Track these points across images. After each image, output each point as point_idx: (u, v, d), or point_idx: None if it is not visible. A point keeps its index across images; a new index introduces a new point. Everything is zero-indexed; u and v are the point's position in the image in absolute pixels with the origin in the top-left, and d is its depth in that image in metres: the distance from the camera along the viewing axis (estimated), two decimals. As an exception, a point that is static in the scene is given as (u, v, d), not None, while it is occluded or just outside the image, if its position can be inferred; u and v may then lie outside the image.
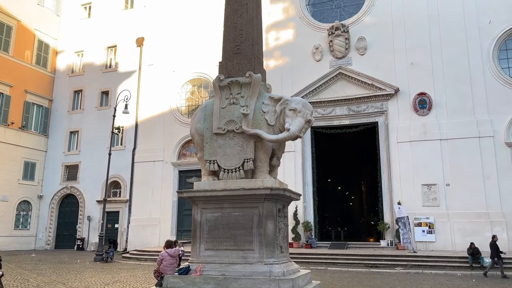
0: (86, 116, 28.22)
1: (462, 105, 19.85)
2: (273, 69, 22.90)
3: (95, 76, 28.62)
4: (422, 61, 20.88)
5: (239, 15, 8.36)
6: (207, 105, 8.20)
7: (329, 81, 22.22)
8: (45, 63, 29.58)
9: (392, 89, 20.98)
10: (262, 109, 7.57)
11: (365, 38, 22.06)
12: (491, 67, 19.83)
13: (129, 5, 29.05)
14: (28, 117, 27.89)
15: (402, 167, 20.32)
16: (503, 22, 19.96)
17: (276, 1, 24.63)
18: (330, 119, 22.22)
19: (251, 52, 8.23)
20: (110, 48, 28.90)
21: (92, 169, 26.52)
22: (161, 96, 26.13)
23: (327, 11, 24.04)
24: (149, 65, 26.99)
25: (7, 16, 27.04)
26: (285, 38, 24.02)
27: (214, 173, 7.73)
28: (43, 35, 29.50)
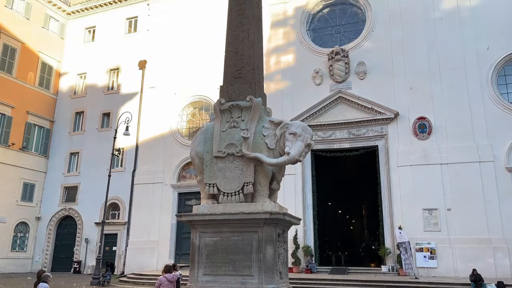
0: (87, 138, 28.30)
1: (462, 130, 19.91)
2: (274, 92, 23.08)
3: (97, 98, 28.85)
4: (421, 85, 21.07)
5: (241, 40, 8.47)
6: (207, 128, 8.23)
7: (329, 104, 22.37)
8: (48, 85, 29.87)
9: (392, 113, 21.10)
10: (263, 132, 7.59)
11: (365, 63, 22.33)
12: (489, 92, 20.00)
13: (132, 29, 29.54)
14: (29, 138, 27.98)
15: (403, 191, 20.23)
16: (501, 48, 20.22)
17: (277, 26, 25.05)
18: (330, 142, 22.26)
19: (252, 76, 8.30)
20: (112, 70, 29.23)
21: (91, 191, 26.40)
22: (162, 118, 26.26)
23: (327, 36, 24.41)
24: (151, 87, 27.24)
25: (12, 38, 27.48)
26: (286, 62, 24.32)
27: (213, 196, 7.68)
28: (47, 57, 29.90)
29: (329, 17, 24.74)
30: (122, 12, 29.97)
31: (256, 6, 8.82)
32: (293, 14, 24.85)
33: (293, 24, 24.67)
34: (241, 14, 8.65)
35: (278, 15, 25.15)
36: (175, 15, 27.82)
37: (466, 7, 21.34)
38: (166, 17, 28.03)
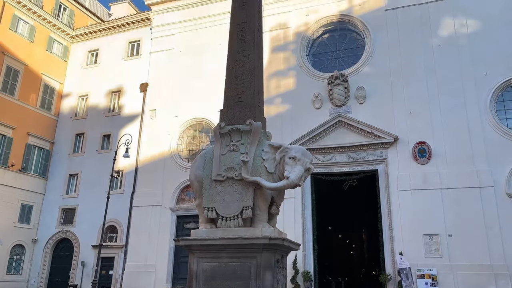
0: (87, 159, 28.27)
1: (461, 155, 19.92)
2: (274, 115, 23.19)
3: (98, 119, 28.98)
4: (420, 110, 21.20)
5: (241, 65, 8.58)
6: (207, 152, 8.24)
7: (329, 128, 22.45)
8: (49, 107, 30.06)
9: (392, 137, 21.15)
10: (262, 156, 7.59)
11: (364, 87, 22.53)
12: (488, 118, 20.11)
13: (134, 52, 29.92)
14: (28, 159, 27.96)
15: (403, 216, 20.06)
16: (499, 74, 20.42)
17: (277, 51, 25.39)
18: (330, 166, 22.23)
19: (252, 100, 8.37)
20: (114, 92, 29.47)
21: (89, 213, 26.20)
22: (162, 140, 26.31)
23: (326, 61, 24.71)
24: (152, 109, 27.41)
25: (16, 60, 27.84)
26: (286, 86, 24.54)
27: (212, 220, 7.62)
28: (50, 79, 30.21)
29: (329, 42, 25.11)
30: (125, 36, 30.44)
31: (256, 32, 8.97)
32: (293, 39, 25.23)
33: (293, 49, 25.02)
34: (241, 40, 8.80)
35: (278, 40, 25.53)
36: (177, 39, 28.24)
37: (463, 34, 21.69)
38: (168, 40, 28.46)
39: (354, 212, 30.81)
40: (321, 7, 24.98)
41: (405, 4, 23.16)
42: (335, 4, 24.75)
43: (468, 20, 21.74)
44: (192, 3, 28.44)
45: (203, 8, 27.99)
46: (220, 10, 26.57)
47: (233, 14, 9.29)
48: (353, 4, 24.38)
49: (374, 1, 23.92)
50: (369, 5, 23.98)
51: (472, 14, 21.73)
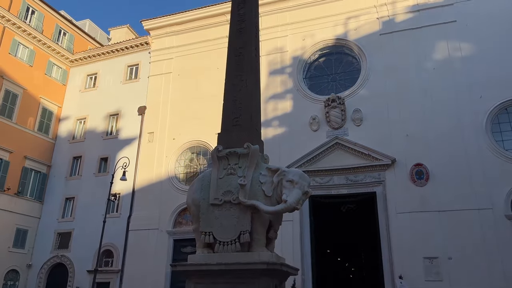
0: (84, 182, 28.12)
1: (459, 177, 19.90)
2: (271, 138, 23.28)
3: (96, 142, 28.98)
4: (417, 132, 21.30)
5: (239, 89, 8.68)
6: (204, 175, 8.23)
7: (326, 150, 22.49)
8: (47, 130, 30.08)
9: (389, 159, 21.18)
10: (260, 180, 7.58)
11: (361, 110, 22.69)
12: (485, 140, 20.20)
13: (133, 76, 30.20)
14: (25, 183, 27.78)
15: (402, 239, 19.89)
16: (494, 97, 20.60)
17: (274, 74, 25.67)
18: (328, 188, 22.15)
19: (249, 124, 8.43)
20: (112, 115, 29.57)
21: (85, 237, 25.86)
22: (160, 163, 26.28)
23: (323, 84, 24.97)
24: (149, 132, 27.47)
25: (14, 84, 28.01)
26: (283, 108, 24.70)
27: (209, 245, 7.54)
28: (48, 102, 30.34)
29: (325, 65, 25.43)
30: (124, 60, 30.78)
31: (253, 57, 9.11)
32: (290, 63, 25.55)
33: (290, 72, 25.31)
34: (239, 65, 8.92)
35: (275, 64, 25.85)
36: (175, 63, 28.59)
37: (457, 57, 22.03)
38: (166, 64, 28.79)
39: (353, 235, 30.53)
40: (317, 31, 25.42)
41: (399, 29, 23.60)
42: (331, 28, 25.20)
43: (462, 43, 22.13)
44: (190, 28, 28.92)
45: (201, 32, 28.45)
46: (217, 34, 27.00)
47: (231, 39, 9.45)
48: (349, 29, 24.82)
49: (369, 26, 24.38)
50: (364, 30, 24.42)
51: (465, 38, 22.14)
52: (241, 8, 9.51)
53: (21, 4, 29.34)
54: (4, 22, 27.88)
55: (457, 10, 22.76)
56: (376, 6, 24.47)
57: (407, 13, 23.81)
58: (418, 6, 23.67)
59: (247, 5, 9.51)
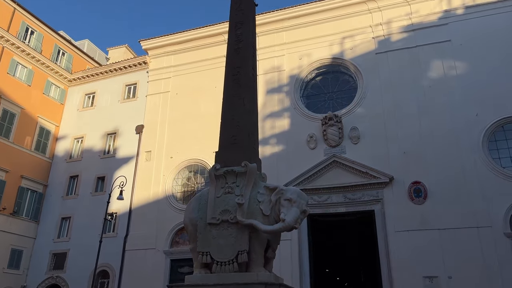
0: (80, 202, 27.90)
1: (457, 195, 19.86)
2: (269, 156, 23.28)
3: (93, 161, 28.87)
4: (414, 150, 21.34)
5: (236, 108, 8.72)
6: (202, 194, 8.20)
7: (324, 168, 22.47)
8: (44, 149, 30.00)
9: (387, 177, 21.15)
10: (257, 198, 7.55)
11: (358, 128, 22.78)
12: (482, 157, 20.24)
13: (131, 95, 30.34)
14: (20, 202, 27.55)
15: (402, 258, 19.70)
16: (489, 114, 20.73)
17: (271, 93, 25.84)
18: (326, 206, 22.04)
19: (247, 142, 8.44)
20: (109, 134, 29.55)
21: (81, 257, 25.51)
22: (157, 181, 26.16)
23: (320, 102, 25.12)
24: (147, 151, 27.43)
25: (12, 104, 28.06)
26: (281, 127, 24.78)
27: (206, 265, 7.44)
28: (46, 121, 30.35)
29: (322, 84, 25.64)
30: (122, 79, 30.96)
31: (251, 76, 9.19)
32: (287, 82, 25.76)
33: (287, 91, 25.48)
34: (237, 84, 8.99)
35: (273, 83, 26.05)
36: (173, 82, 28.78)
37: (452, 75, 22.25)
38: (164, 83, 28.97)
39: (352, 253, 30.25)
40: (314, 51, 25.72)
41: (395, 48, 23.91)
42: (327, 48, 25.50)
43: (457, 62, 22.39)
44: (188, 48, 29.22)
45: (198, 52, 28.73)
46: (215, 54, 27.27)
47: (228, 59, 9.55)
48: (345, 48, 25.13)
49: (365, 45, 24.69)
50: (360, 49, 24.73)
51: (460, 57, 22.41)
52: (239, 28, 9.64)
53: (20, 25, 29.65)
54: (3, 42, 28.11)
55: (451, 30, 23.11)
56: (372, 26, 24.85)
57: (402, 33, 24.17)
58: (412, 26, 24.04)
59: (245, 26, 9.65)
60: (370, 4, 25.22)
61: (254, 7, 10.44)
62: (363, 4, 25.34)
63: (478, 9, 23.04)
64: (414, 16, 24.19)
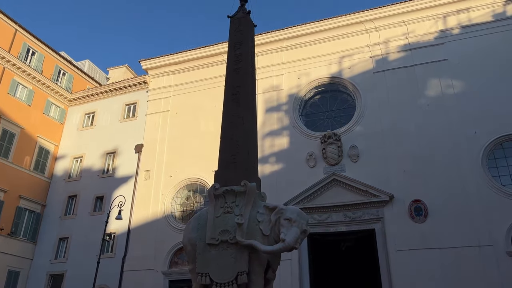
0: (78, 222, 27.67)
1: (458, 213, 19.74)
2: (268, 174, 23.23)
3: (92, 181, 28.77)
4: (414, 168, 21.31)
5: (236, 127, 8.74)
6: (201, 214, 8.14)
7: (324, 187, 22.39)
8: (43, 169, 29.93)
9: (387, 196, 21.06)
10: (257, 218, 7.49)
11: (357, 146, 22.80)
12: (482, 175, 20.18)
13: (131, 114, 30.45)
14: (18, 223, 27.32)
15: (404, 277, 19.44)
16: (488, 132, 20.77)
17: (271, 112, 25.97)
18: (327, 225, 21.87)
19: (246, 161, 8.43)
20: (109, 154, 29.53)
21: (79, 279, 25.12)
22: (156, 201, 26.02)
23: (319, 121, 25.22)
24: (146, 170, 27.36)
25: (12, 124, 28.12)
26: (280, 145, 24.80)
27: (205, 286, 7.33)
28: (45, 141, 30.37)
29: (321, 103, 25.80)
30: (122, 98, 31.13)
31: (250, 95, 9.25)
32: (286, 101, 25.91)
33: (287, 110, 25.61)
34: (236, 103, 9.03)
35: (272, 101, 26.20)
36: (173, 101, 28.94)
37: (450, 94, 22.41)
38: (164, 102, 29.12)
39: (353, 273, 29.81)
40: (312, 70, 25.96)
41: (392, 67, 24.15)
42: (325, 67, 25.76)
43: (454, 81, 22.58)
44: (187, 68, 29.50)
45: (198, 72, 28.99)
46: (215, 73, 27.53)
47: (228, 79, 9.62)
48: (343, 67, 25.38)
49: (362, 64, 24.95)
50: (358, 68, 24.98)
51: (457, 76, 22.60)
52: (238, 48, 9.75)
53: (21, 46, 29.97)
54: (4, 63, 28.36)
55: (448, 49, 23.39)
56: (369, 46, 25.16)
57: (399, 52, 24.45)
58: (409, 46, 24.34)
59: (244, 46, 9.76)
60: (367, 24, 25.59)
61: (253, 28, 10.59)
62: (361, 25, 25.72)
63: (473, 28, 23.38)
64: (411, 36, 24.52)
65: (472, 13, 23.78)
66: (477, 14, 23.61)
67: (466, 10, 23.94)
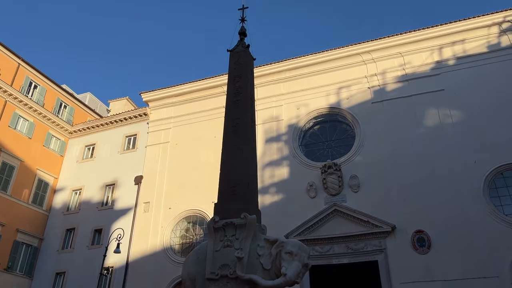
0: (76, 256, 27.19)
1: (461, 243, 19.41)
2: (268, 205, 23.03)
3: (90, 213, 28.48)
4: (415, 198, 21.12)
5: (235, 159, 8.73)
6: (200, 247, 8.01)
7: (325, 218, 22.14)
8: (41, 202, 29.69)
9: (389, 226, 20.78)
10: (257, 252, 7.36)
11: (357, 176, 22.69)
12: (484, 205, 19.97)
13: (131, 146, 30.51)
14: (15, 257, 26.85)
15: (409, 311, 18.91)
16: (488, 162, 20.69)
17: (270, 142, 26.03)
18: (329, 257, 21.47)
19: (246, 193, 8.37)
20: (108, 186, 29.38)
21: (75, 315, 24.49)
22: (155, 233, 25.67)
23: (319, 151, 25.23)
24: (145, 202, 27.14)
25: (12, 156, 28.11)
26: (280, 175, 24.71)
27: (206, 323, 7.12)
28: (44, 174, 30.28)
29: (320, 133, 25.90)
30: (122, 130, 31.28)
31: (250, 127, 9.29)
32: (285, 131, 26.03)
33: (286, 140, 25.68)
34: (236, 135, 9.06)
35: (271, 132, 26.31)
36: (173, 132, 29.07)
37: (448, 123, 22.51)
38: (164, 134, 29.24)
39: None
40: (311, 101, 26.22)
41: (390, 97, 24.39)
42: (324, 98, 26.02)
43: (452, 110, 22.74)
44: (187, 99, 29.81)
45: (198, 103, 29.28)
46: (214, 105, 27.80)
47: (227, 110, 9.70)
48: (341, 98, 25.64)
49: (361, 95, 25.21)
50: (356, 99, 25.22)
51: (455, 106, 22.78)
52: (237, 81, 9.88)
53: (24, 79, 30.38)
54: (6, 96, 28.66)
55: (444, 79, 23.69)
56: (367, 77, 25.51)
57: (396, 83, 24.77)
58: (406, 76, 24.68)
59: (243, 79, 9.90)
60: (364, 56, 26.05)
61: (252, 61, 10.77)
62: (358, 56, 26.18)
63: (469, 59, 23.77)
64: (408, 67, 24.91)
65: (467, 44, 24.26)
66: (472, 46, 24.08)
67: (461, 42, 24.43)
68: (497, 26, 23.85)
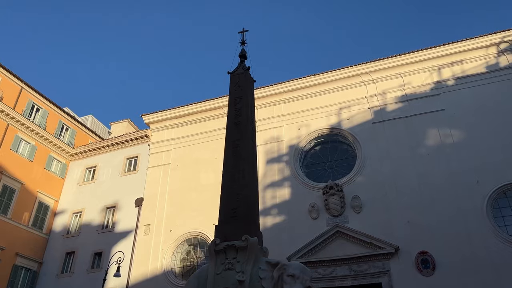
0: (75, 280, 26.79)
1: (466, 265, 19.10)
2: (270, 227, 22.80)
3: (90, 236, 28.21)
4: (418, 219, 20.91)
5: (236, 180, 8.71)
6: (201, 271, 7.91)
7: (327, 239, 21.89)
8: (41, 225, 29.47)
9: (392, 247, 20.51)
10: (259, 275, 7.26)
11: (359, 196, 22.55)
12: (487, 225, 19.74)
13: (132, 168, 30.47)
14: (14, 282, 26.47)
15: (415, 335, 18.47)
16: (490, 181, 20.55)
17: (271, 163, 25.98)
18: (332, 280, 21.11)
19: (247, 215, 8.31)
20: (109, 208, 29.20)
21: None
22: (156, 256, 25.35)
23: (320, 171, 25.15)
24: (146, 225, 26.92)
25: (12, 179, 28.06)
26: (282, 196, 24.56)
27: None
28: (45, 196, 30.15)
29: (321, 153, 25.88)
30: (123, 152, 31.31)
31: (250, 148, 9.30)
32: (286, 152, 26.02)
33: (287, 161, 25.64)
34: (236, 156, 9.06)
35: (272, 152, 26.30)
36: (174, 154, 29.08)
37: (449, 143, 22.49)
38: (165, 156, 29.25)
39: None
40: (312, 121, 26.31)
41: (391, 117, 24.46)
42: (324, 118, 26.11)
43: (452, 130, 22.74)
44: (188, 121, 29.93)
45: (199, 125, 29.39)
46: (215, 126, 27.90)
47: (228, 132, 9.73)
48: (342, 118, 25.72)
49: (361, 115, 25.29)
50: (357, 119, 25.30)
51: (455, 125, 22.81)
52: (238, 103, 9.95)
53: (26, 103, 30.61)
54: (8, 119, 28.82)
55: (444, 100, 23.80)
56: (367, 97, 25.66)
57: (396, 103, 24.88)
58: (406, 97, 24.81)
59: (243, 100, 9.96)
60: (364, 77, 26.27)
61: (253, 82, 10.87)
62: (357, 77, 26.40)
63: (468, 79, 23.94)
64: (407, 87, 25.07)
65: (466, 65, 24.48)
66: (471, 66, 24.29)
67: (460, 62, 24.66)
68: (495, 46, 24.11)
